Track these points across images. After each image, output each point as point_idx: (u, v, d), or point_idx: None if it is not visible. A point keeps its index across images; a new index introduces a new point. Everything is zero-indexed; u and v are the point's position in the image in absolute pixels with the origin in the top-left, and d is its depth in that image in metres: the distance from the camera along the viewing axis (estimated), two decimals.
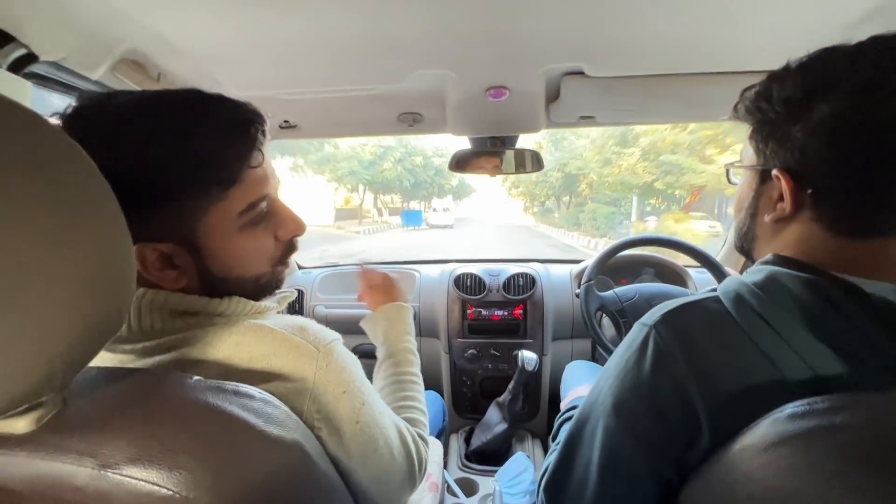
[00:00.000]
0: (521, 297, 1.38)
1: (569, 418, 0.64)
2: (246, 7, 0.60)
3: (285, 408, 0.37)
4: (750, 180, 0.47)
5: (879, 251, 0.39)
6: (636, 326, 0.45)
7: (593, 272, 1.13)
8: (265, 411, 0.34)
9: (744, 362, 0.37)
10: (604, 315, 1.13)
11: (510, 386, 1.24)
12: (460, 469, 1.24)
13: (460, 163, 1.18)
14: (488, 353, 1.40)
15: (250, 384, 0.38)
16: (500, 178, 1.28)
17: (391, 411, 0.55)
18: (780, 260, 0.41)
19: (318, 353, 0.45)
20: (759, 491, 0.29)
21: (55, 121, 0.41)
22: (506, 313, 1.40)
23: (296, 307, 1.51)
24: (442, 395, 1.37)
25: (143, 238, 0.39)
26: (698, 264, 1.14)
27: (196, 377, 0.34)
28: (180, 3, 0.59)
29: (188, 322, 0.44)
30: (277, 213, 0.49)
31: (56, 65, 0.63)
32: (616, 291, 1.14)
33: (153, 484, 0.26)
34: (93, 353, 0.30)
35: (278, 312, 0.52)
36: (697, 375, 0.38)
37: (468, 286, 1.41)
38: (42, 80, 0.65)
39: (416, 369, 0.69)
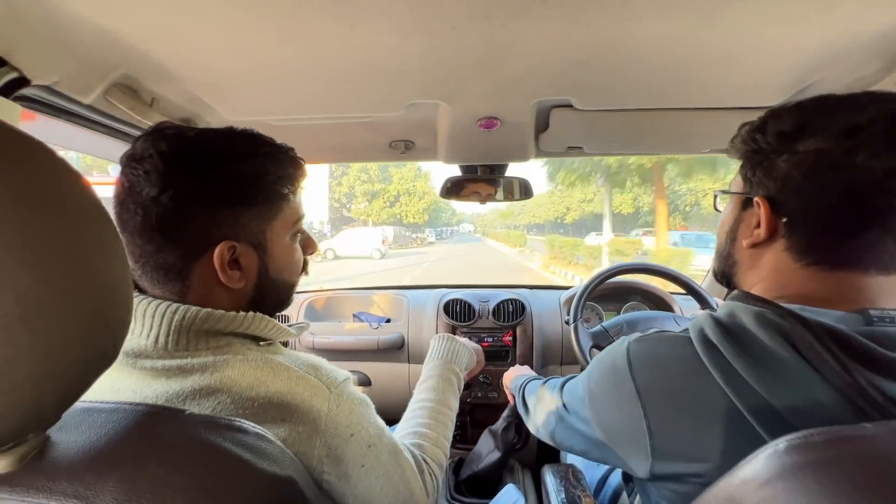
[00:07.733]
0: (510, 323, 1.38)
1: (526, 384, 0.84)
2: (242, 34, 0.61)
3: (279, 443, 0.36)
4: (734, 206, 0.52)
5: (846, 284, 0.41)
6: (619, 340, 0.52)
7: (578, 309, 1.13)
8: (259, 446, 0.33)
9: (698, 390, 0.41)
10: (595, 349, 1.13)
11: (504, 414, 1.22)
12: (448, 502, 1.20)
13: (451, 189, 1.20)
14: (477, 380, 1.38)
15: (263, 421, 0.39)
16: None
17: (401, 446, 0.56)
18: (742, 295, 0.44)
19: (330, 393, 0.47)
20: None
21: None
22: (495, 340, 1.39)
23: None
24: None
25: (227, 237, 0.48)
26: (684, 291, 1.16)
27: (189, 412, 0.33)
28: (177, 30, 0.59)
29: (211, 345, 0.45)
30: (304, 234, 0.60)
31: (46, 88, 0.62)
32: (604, 325, 1.15)
33: None
34: (84, 388, 0.28)
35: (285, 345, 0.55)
36: (651, 393, 0.44)
37: (457, 312, 1.39)
38: (30, 103, 0.64)
39: (441, 395, 0.76)
